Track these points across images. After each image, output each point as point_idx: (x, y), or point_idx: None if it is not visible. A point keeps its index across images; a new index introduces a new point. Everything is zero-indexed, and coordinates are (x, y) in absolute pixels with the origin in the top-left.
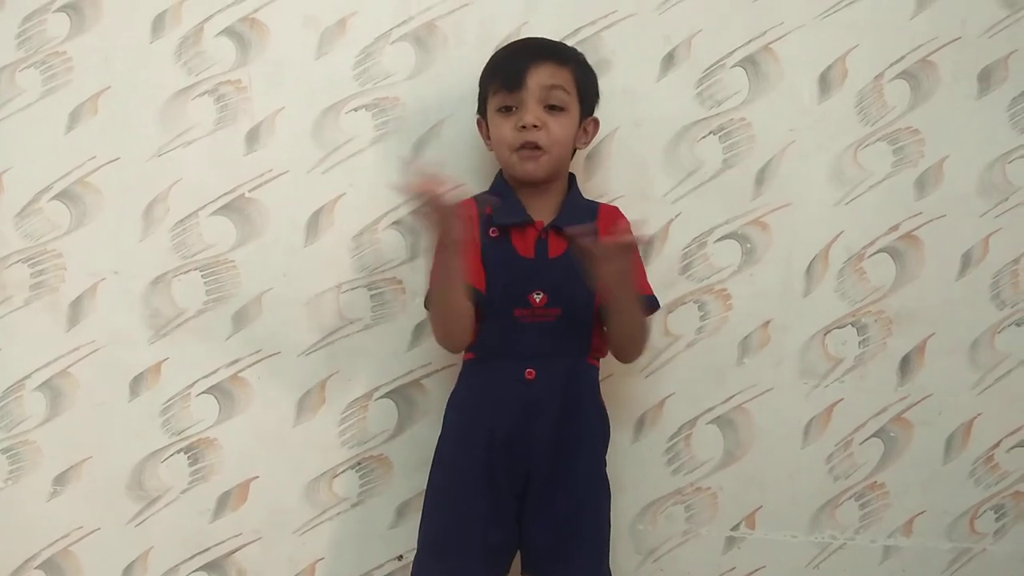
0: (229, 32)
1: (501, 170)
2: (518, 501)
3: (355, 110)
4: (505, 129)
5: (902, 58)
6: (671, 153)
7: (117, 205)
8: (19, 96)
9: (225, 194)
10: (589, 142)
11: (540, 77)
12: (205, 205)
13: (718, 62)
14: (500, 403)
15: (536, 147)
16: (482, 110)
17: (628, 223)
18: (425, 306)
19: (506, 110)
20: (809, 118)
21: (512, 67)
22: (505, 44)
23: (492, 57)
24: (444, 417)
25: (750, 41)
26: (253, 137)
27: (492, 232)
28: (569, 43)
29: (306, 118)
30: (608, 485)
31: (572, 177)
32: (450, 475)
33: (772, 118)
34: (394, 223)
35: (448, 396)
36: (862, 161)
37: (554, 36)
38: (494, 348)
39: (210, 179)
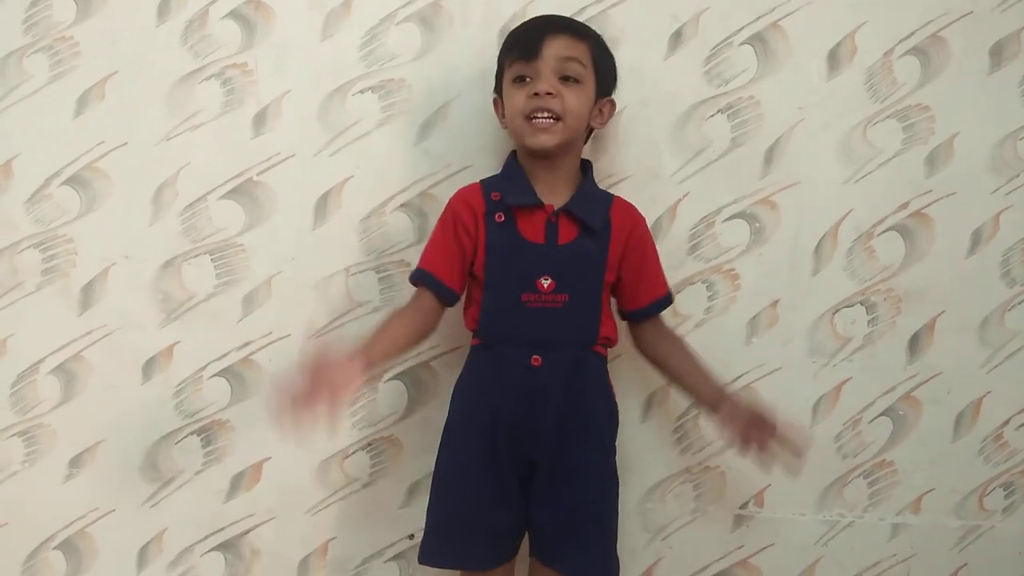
0: (235, 15)
1: (513, 152)
2: (524, 485)
3: (361, 92)
4: (518, 98)
5: (912, 34)
6: (679, 132)
7: (126, 190)
8: (27, 82)
9: (233, 178)
10: (605, 123)
11: (556, 48)
12: (214, 189)
13: (726, 40)
14: (505, 389)
15: (549, 117)
16: (498, 88)
17: (646, 223)
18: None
19: (520, 80)
20: (818, 96)
21: (529, 38)
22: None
23: (510, 33)
24: (451, 402)
25: (758, 18)
26: (260, 120)
27: (498, 217)
28: None
29: (312, 101)
30: (615, 474)
31: (588, 164)
32: (455, 459)
33: (780, 96)
34: (402, 205)
35: (455, 380)
36: (871, 139)
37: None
38: (500, 334)
39: (218, 163)
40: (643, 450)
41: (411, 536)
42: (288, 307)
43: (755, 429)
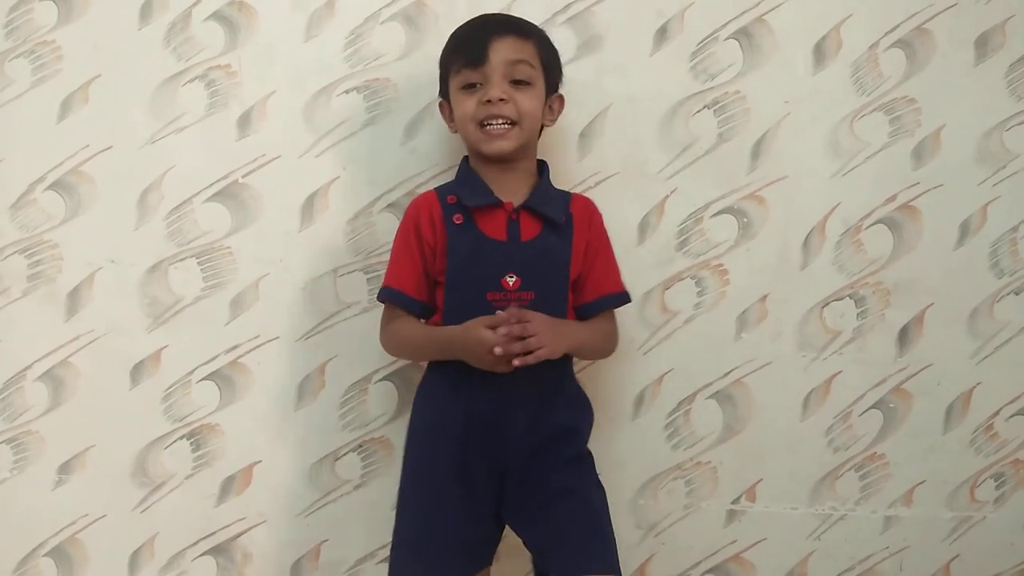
0: (217, 16)
1: (466, 157)
2: (495, 494)
3: (346, 92)
4: (469, 105)
5: (897, 26)
6: (665, 128)
7: (111, 194)
8: (9, 87)
9: (219, 180)
10: (555, 119)
11: (504, 51)
12: (199, 192)
13: (711, 35)
14: (471, 393)
15: (504, 122)
16: (444, 92)
17: (601, 217)
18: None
19: (470, 87)
20: (804, 90)
21: (474, 42)
22: (463, 22)
23: (452, 35)
24: (413, 408)
25: (743, 13)
26: (245, 122)
27: (456, 218)
28: (559, 20)
29: (297, 102)
30: (595, 473)
31: (544, 165)
32: (422, 469)
33: (767, 91)
34: (389, 205)
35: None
36: (858, 132)
37: (545, 13)
38: None
39: (203, 165)
40: (634, 447)
41: None
42: (276, 309)
43: None
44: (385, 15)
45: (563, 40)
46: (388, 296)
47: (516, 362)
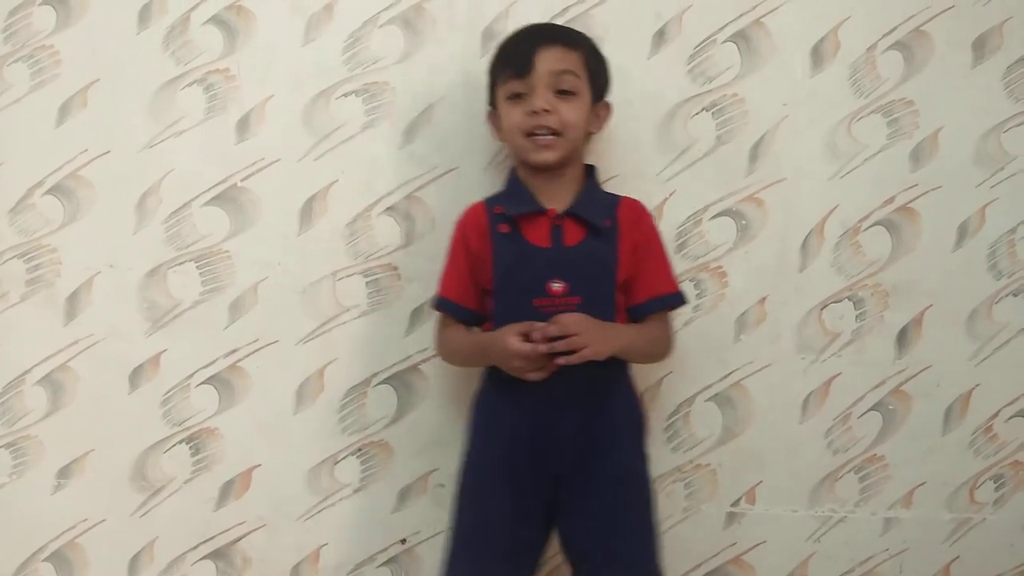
0: (216, 20)
1: (513, 168)
2: (546, 501)
3: (345, 96)
4: (516, 115)
5: (894, 28)
6: (664, 131)
7: (110, 198)
8: (8, 91)
9: (217, 184)
10: (602, 127)
11: (549, 62)
12: (198, 195)
13: (709, 37)
14: (523, 398)
15: (549, 133)
16: (492, 101)
17: (651, 218)
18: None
19: (516, 97)
20: (802, 92)
21: (520, 53)
22: (511, 32)
23: (500, 45)
24: (469, 416)
25: (741, 15)
26: (243, 126)
27: (502, 228)
28: (558, 22)
29: (296, 105)
30: (648, 482)
31: (592, 169)
32: (476, 475)
33: (765, 93)
34: (388, 209)
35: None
36: (856, 134)
37: (544, 15)
38: None
39: (202, 169)
40: None
41: (403, 541)
42: (275, 313)
43: None
44: (384, 19)
45: None
46: (439, 305)
47: (561, 360)
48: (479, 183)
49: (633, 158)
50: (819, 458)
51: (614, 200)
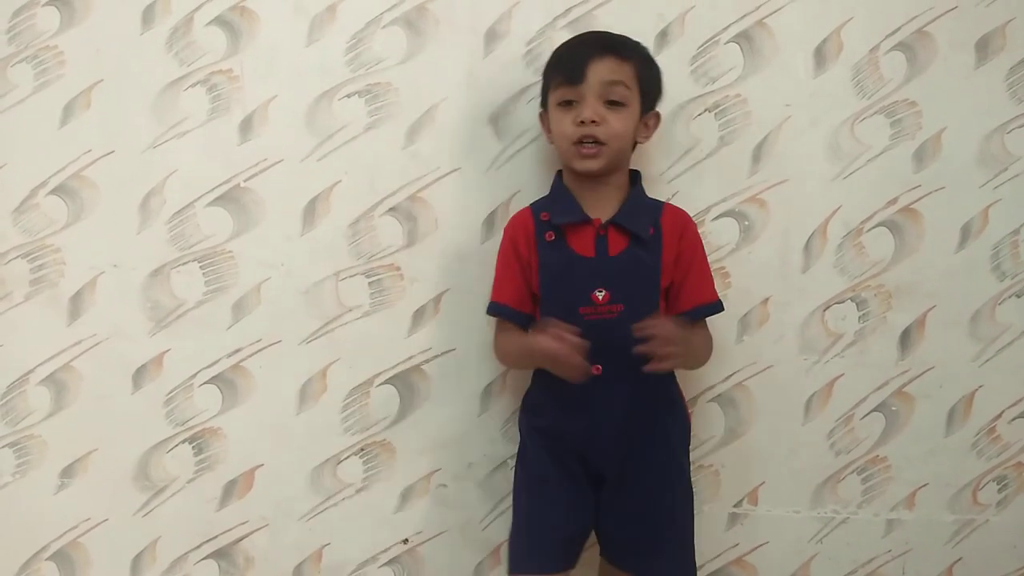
0: (219, 21)
1: (559, 172)
2: (592, 496)
3: (348, 96)
4: (565, 123)
5: (898, 29)
6: (667, 131)
7: (113, 198)
8: (12, 91)
9: (221, 184)
10: (650, 136)
11: (601, 72)
12: (201, 196)
13: (712, 38)
14: (568, 401)
15: (595, 142)
16: (544, 103)
17: (695, 227)
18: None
19: (566, 104)
20: (805, 93)
21: (573, 61)
22: (570, 38)
23: (555, 50)
24: (519, 418)
25: (743, 16)
26: (247, 126)
27: (548, 236)
28: (561, 23)
29: (299, 106)
30: (688, 483)
31: (636, 175)
32: (528, 472)
33: (767, 94)
34: (390, 209)
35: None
36: (859, 135)
37: (546, 16)
38: None
39: (205, 170)
40: None
41: (405, 541)
42: (278, 313)
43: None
44: (387, 19)
45: None
46: (494, 310)
47: (648, 367)
48: (482, 183)
49: (636, 159)
50: (821, 459)
51: (658, 208)
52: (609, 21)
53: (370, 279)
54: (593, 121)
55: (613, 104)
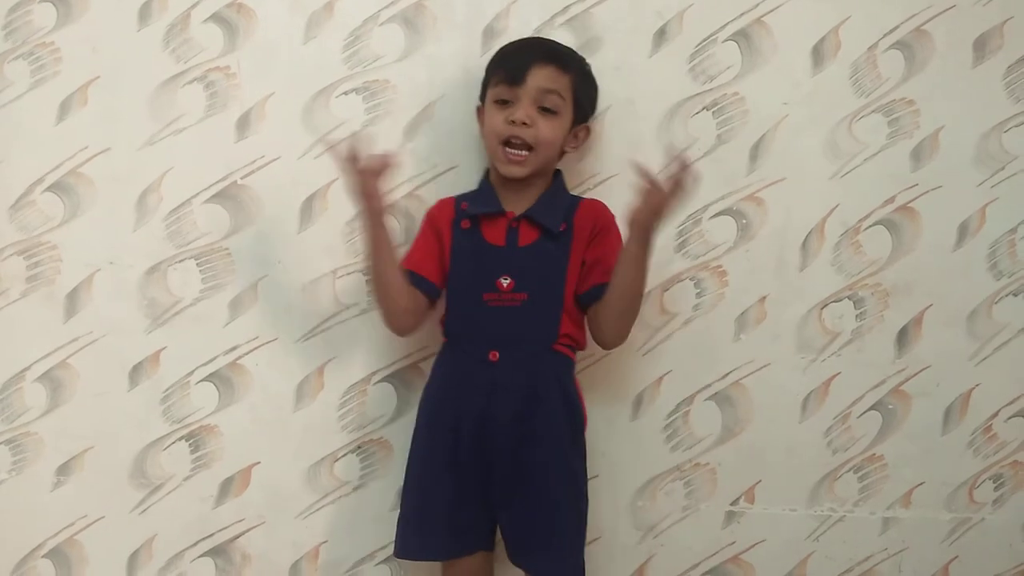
0: (216, 18)
1: (488, 169)
2: (487, 484)
3: (345, 94)
4: (497, 120)
5: (896, 28)
6: (665, 130)
7: (110, 195)
8: (8, 88)
9: (218, 181)
10: (579, 147)
11: (539, 79)
12: (198, 193)
13: (710, 36)
14: (465, 385)
15: (522, 147)
16: (483, 97)
17: (613, 217)
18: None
19: (502, 103)
20: (803, 91)
21: (515, 63)
22: (514, 40)
23: (501, 48)
24: (419, 402)
25: (742, 14)
26: (244, 124)
27: (463, 224)
28: (559, 21)
29: (296, 103)
30: (579, 475)
31: (557, 172)
32: (420, 458)
33: (765, 92)
34: (387, 207)
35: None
36: (857, 133)
37: (544, 14)
38: (462, 332)
39: (202, 167)
40: (633, 448)
41: None
42: (275, 311)
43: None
44: (384, 17)
45: (562, 41)
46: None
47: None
48: (479, 181)
49: (633, 157)
50: (818, 457)
51: (573, 203)
52: (608, 19)
53: (367, 277)
54: (524, 123)
55: (546, 111)
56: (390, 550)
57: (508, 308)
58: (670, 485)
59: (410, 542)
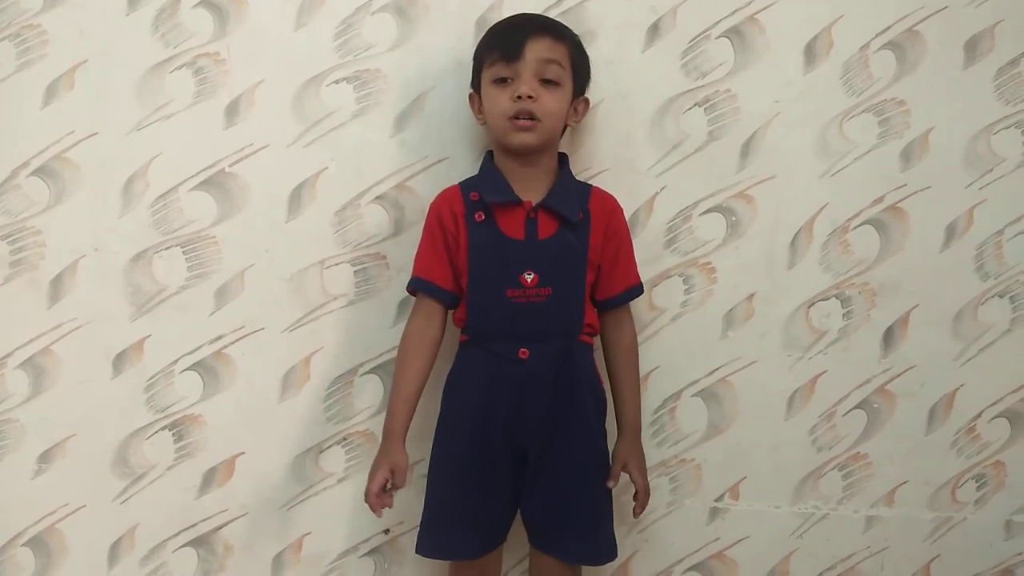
0: (206, 3)
1: (490, 152)
2: (513, 478)
3: (336, 83)
4: (501, 100)
5: (888, 28)
6: (656, 125)
7: (96, 181)
8: None
9: (205, 169)
10: (579, 120)
11: (538, 50)
12: (185, 180)
13: (703, 32)
14: (494, 383)
15: (531, 117)
16: (475, 84)
17: (622, 212)
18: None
19: (502, 81)
20: (794, 89)
21: (511, 39)
22: (501, 19)
23: (489, 30)
24: (442, 398)
25: (735, 11)
26: (233, 111)
27: (477, 216)
28: (553, 14)
29: (286, 91)
30: (606, 458)
31: (564, 157)
32: (447, 454)
33: (757, 89)
34: (377, 198)
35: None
36: (847, 133)
37: (538, 7)
38: (488, 330)
39: (190, 154)
40: None
41: (386, 531)
42: (261, 300)
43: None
44: (376, 5)
45: None
46: (417, 285)
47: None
48: (470, 172)
49: (625, 152)
50: (803, 455)
51: (586, 191)
52: (600, 13)
53: (356, 267)
54: (530, 96)
55: (548, 83)
56: (374, 542)
57: (534, 304)
58: (655, 480)
59: (442, 542)
